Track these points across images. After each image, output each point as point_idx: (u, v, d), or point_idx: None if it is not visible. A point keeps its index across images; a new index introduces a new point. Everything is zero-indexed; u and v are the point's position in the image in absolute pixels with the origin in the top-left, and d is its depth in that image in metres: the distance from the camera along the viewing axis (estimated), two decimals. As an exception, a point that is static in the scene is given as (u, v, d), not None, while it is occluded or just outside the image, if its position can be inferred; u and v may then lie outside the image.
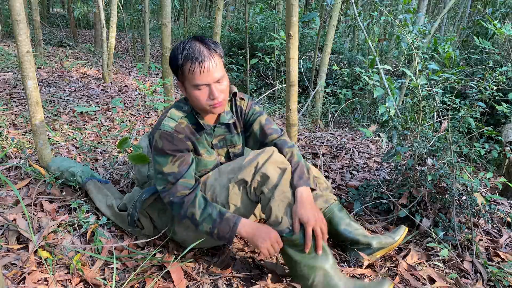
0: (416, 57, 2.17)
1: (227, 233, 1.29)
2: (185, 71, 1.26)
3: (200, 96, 1.29)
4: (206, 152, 1.45)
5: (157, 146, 1.33)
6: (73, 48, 6.81)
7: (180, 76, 1.31)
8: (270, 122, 1.55)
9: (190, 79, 1.27)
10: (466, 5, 6.71)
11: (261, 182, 1.33)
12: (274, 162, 1.35)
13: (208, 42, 1.29)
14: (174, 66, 1.30)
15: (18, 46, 1.73)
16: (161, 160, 1.33)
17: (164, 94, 3.51)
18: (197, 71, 1.24)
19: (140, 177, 1.72)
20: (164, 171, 1.32)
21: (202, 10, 11.38)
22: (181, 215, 1.33)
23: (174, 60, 1.29)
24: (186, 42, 1.28)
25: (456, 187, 1.72)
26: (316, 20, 4.14)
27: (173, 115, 1.37)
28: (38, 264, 1.35)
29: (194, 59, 1.24)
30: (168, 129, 1.33)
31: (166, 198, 1.34)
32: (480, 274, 1.55)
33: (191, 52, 1.25)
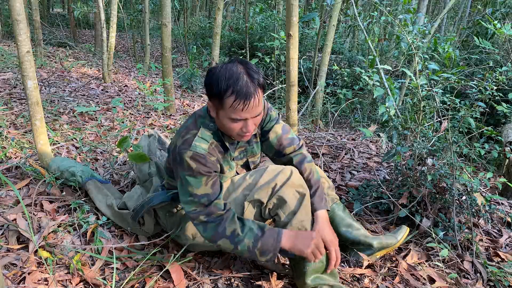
0: (416, 57, 2.17)
1: (271, 245, 1.23)
2: (226, 103, 1.16)
3: (233, 127, 1.22)
4: (229, 168, 1.41)
5: (190, 167, 1.23)
6: (73, 48, 6.81)
7: (216, 102, 1.20)
8: (287, 130, 1.50)
9: (229, 112, 1.17)
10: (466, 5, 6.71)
11: (277, 205, 1.33)
12: (292, 185, 1.32)
13: (253, 72, 1.17)
14: (214, 92, 1.18)
15: (18, 46, 1.73)
16: (193, 182, 1.24)
17: (164, 94, 3.52)
18: (239, 108, 1.15)
19: (141, 176, 1.73)
20: (197, 193, 1.24)
21: (202, 10, 11.38)
22: (219, 235, 1.24)
23: (215, 86, 1.16)
24: (231, 68, 1.16)
25: (456, 187, 1.72)
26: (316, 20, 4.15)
27: (205, 136, 1.28)
28: (38, 264, 1.35)
29: (240, 95, 1.13)
30: (202, 151, 1.24)
31: (200, 218, 1.25)
32: (480, 274, 1.55)
33: (237, 86, 1.13)
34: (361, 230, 1.58)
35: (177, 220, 1.49)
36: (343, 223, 1.58)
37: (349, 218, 1.60)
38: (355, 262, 1.55)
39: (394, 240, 1.57)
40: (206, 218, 1.25)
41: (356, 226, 1.59)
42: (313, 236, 1.27)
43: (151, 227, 1.56)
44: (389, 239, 1.57)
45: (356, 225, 1.59)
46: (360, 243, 1.55)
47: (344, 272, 1.49)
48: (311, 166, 1.47)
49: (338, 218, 1.59)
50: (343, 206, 1.63)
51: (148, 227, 1.56)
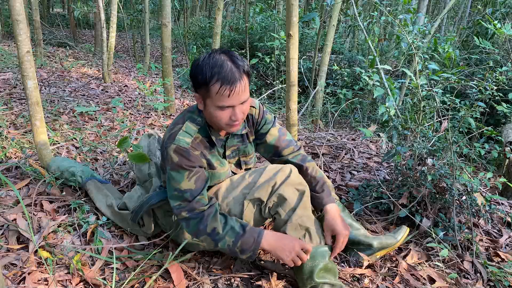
0: (416, 57, 2.17)
1: (250, 246, 1.26)
2: (212, 91, 1.17)
3: (222, 116, 1.22)
4: (220, 164, 1.41)
5: (172, 161, 1.25)
6: (73, 48, 6.81)
7: (202, 92, 1.22)
8: (284, 132, 1.52)
9: (216, 99, 1.19)
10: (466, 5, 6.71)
11: (277, 203, 1.34)
12: (292, 183, 1.33)
13: (237, 60, 1.19)
14: (199, 81, 1.20)
15: (18, 46, 1.73)
16: (176, 176, 1.26)
17: (164, 94, 3.52)
18: (226, 94, 1.16)
19: (141, 176, 1.72)
20: (181, 188, 1.26)
21: (202, 10, 11.37)
22: (200, 231, 1.26)
23: (200, 75, 1.18)
24: (214, 56, 1.18)
25: (456, 187, 1.72)
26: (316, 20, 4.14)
27: (189, 130, 1.29)
28: (38, 264, 1.35)
29: (225, 81, 1.15)
30: (184, 144, 1.26)
31: (182, 214, 1.28)
32: (480, 274, 1.55)
33: (222, 72, 1.15)
34: (361, 230, 1.59)
35: (175, 219, 1.49)
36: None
37: (349, 218, 1.61)
38: (355, 262, 1.55)
39: (394, 240, 1.57)
40: (188, 214, 1.27)
41: (356, 226, 1.59)
42: (296, 245, 1.28)
43: (151, 227, 1.56)
44: (389, 239, 1.57)
45: (356, 225, 1.60)
46: (360, 243, 1.55)
47: (344, 272, 1.49)
48: (313, 164, 1.50)
49: None
50: (343, 206, 1.64)
51: (147, 227, 1.56)
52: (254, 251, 1.27)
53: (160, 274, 1.38)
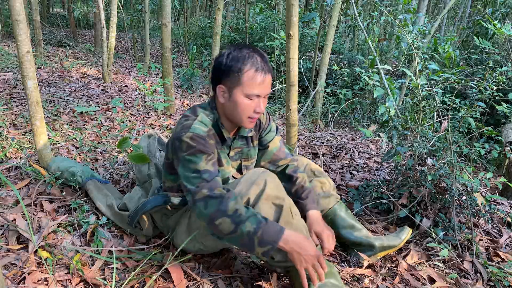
0: (416, 57, 2.17)
1: (271, 237, 1.15)
2: (245, 77, 1.23)
3: (247, 106, 1.26)
4: (226, 162, 1.42)
5: (190, 146, 1.23)
6: (73, 48, 6.81)
7: (231, 81, 1.25)
8: (283, 144, 1.58)
9: (247, 86, 1.24)
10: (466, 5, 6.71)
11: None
12: (268, 197, 1.25)
13: (266, 58, 1.28)
14: (232, 69, 1.24)
15: (18, 46, 1.73)
16: (195, 159, 1.23)
17: (164, 94, 3.51)
18: (258, 80, 1.23)
19: (141, 176, 1.72)
20: (199, 169, 1.22)
21: (202, 10, 11.37)
22: (219, 211, 1.16)
23: (235, 63, 1.23)
24: (246, 49, 1.26)
25: (456, 187, 1.72)
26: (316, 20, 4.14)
27: (205, 121, 1.31)
28: (38, 264, 1.35)
29: (260, 69, 1.23)
30: (201, 132, 1.26)
31: (202, 192, 1.19)
32: (480, 274, 1.55)
33: (255, 62, 1.24)
34: (363, 231, 1.58)
35: (172, 223, 1.49)
36: (344, 224, 1.58)
37: (351, 219, 1.60)
38: (355, 262, 1.55)
39: (396, 242, 1.57)
40: (209, 192, 1.19)
41: (357, 227, 1.58)
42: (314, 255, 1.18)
43: (150, 230, 1.56)
44: (391, 241, 1.56)
45: (358, 226, 1.59)
46: (362, 244, 1.55)
47: (344, 272, 1.49)
48: (304, 175, 1.52)
49: (339, 219, 1.59)
50: (345, 206, 1.63)
51: (146, 231, 1.56)
52: (273, 245, 1.16)
53: (160, 274, 1.38)
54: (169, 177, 1.43)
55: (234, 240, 1.18)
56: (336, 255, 1.61)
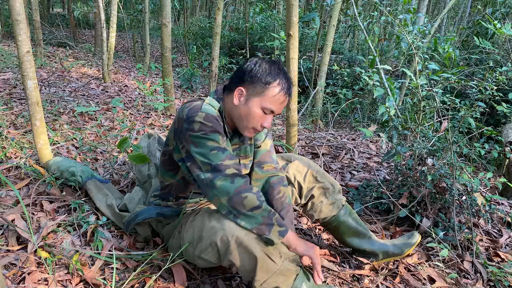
0: (416, 57, 2.17)
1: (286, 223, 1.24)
2: (270, 92, 1.24)
3: (257, 118, 1.26)
4: None
5: (204, 125, 1.20)
6: (73, 48, 6.81)
7: (254, 89, 1.24)
8: (273, 150, 1.54)
9: (268, 99, 1.24)
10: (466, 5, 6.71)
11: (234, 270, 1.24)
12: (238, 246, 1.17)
13: (291, 83, 1.30)
14: (260, 79, 1.24)
15: (18, 46, 1.73)
16: (213, 137, 1.20)
17: (164, 94, 3.52)
18: (280, 100, 1.25)
19: (141, 177, 1.72)
20: (220, 146, 1.21)
21: (202, 10, 11.37)
22: (247, 188, 1.18)
23: (264, 74, 1.24)
24: (278, 66, 1.28)
25: (456, 187, 1.72)
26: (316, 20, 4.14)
27: (213, 103, 1.29)
28: (38, 264, 1.35)
29: (286, 90, 1.26)
30: (212, 112, 1.24)
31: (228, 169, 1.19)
32: (480, 274, 1.55)
33: (285, 81, 1.26)
34: (367, 236, 1.56)
35: (166, 233, 1.47)
36: (348, 231, 1.56)
37: (355, 224, 1.57)
38: (355, 264, 1.55)
39: (402, 250, 1.54)
40: (237, 170, 1.20)
41: (361, 232, 1.56)
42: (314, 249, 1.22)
43: (148, 233, 1.56)
44: (397, 249, 1.54)
45: (362, 231, 1.56)
46: (366, 251, 1.55)
47: (345, 272, 1.49)
48: (286, 190, 1.44)
49: (343, 226, 1.56)
50: (350, 208, 1.59)
51: (144, 234, 1.56)
52: (287, 229, 1.20)
53: (160, 274, 1.38)
54: (167, 174, 1.40)
55: (255, 216, 1.17)
56: (336, 255, 1.61)
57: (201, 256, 1.23)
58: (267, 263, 1.17)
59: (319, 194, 1.54)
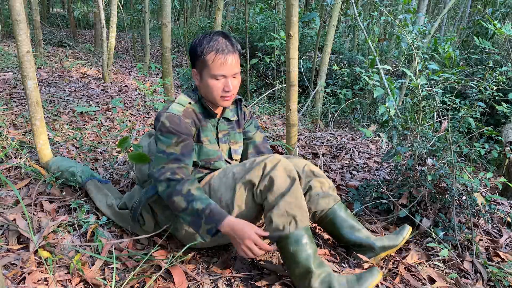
0: (416, 57, 2.17)
1: (216, 217, 1.28)
2: (208, 60, 1.34)
3: (215, 86, 1.36)
4: (209, 141, 1.48)
5: (163, 126, 1.37)
6: (73, 48, 6.81)
7: (199, 64, 1.37)
8: (267, 140, 1.69)
9: (211, 68, 1.34)
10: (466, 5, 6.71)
11: (267, 187, 1.33)
12: (283, 169, 1.36)
13: (232, 38, 1.38)
14: (197, 53, 1.36)
15: (18, 46, 1.73)
16: (165, 140, 1.36)
17: (164, 94, 3.52)
18: (219, 62, 1.33)
19: (141, 176, 1.72)
20: (167, 150, 1.36)
21: (202, 10, 11.37)
22: (176, 191, 1.32)
23: (199, 47, 1.35)
24: (211, 34, 1.37)
25: (456, 187, 1.72)
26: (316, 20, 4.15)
27: (181, 101, 1.43)
28: (38, 264, 1.35)
29: (220, 50, 1.33)
30: (176, 112, 1.38)
31: (164, 176, 1.34)
32: (480, 274, 1.55)
33: (216, 44, 1.34)
34: (363, 231, 1.58)
35: (172, 214, 1.50)
36: (345, 224, 1.57)
37: (351, 219, 1.60)
38: (355, 263, 1.55)
39: (396, 241, 1.56)
40: (170, 175, 1.34)
41: (357, 227, 1.58)
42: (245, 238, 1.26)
43: (151, 226, 1.56)
44: (392, 241, 1.56)
45: (358, 226, 1.59)
46: (362, 245, 1.55)
47: (345, 272, 1.49)
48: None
49: (339, 219, 1.58)
50: (345, 206, 1.63)
51: (148, 226, 1.56)
52: (217, 224, 1.28)
53: (160, 274, 1.38)
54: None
55: (186, 216, 1.32)
56: (336, 255, 1.61)
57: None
58: None
59: (316, 187, 1.58)
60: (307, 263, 1.29)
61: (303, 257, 1.29)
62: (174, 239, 1.59)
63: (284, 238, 1.31)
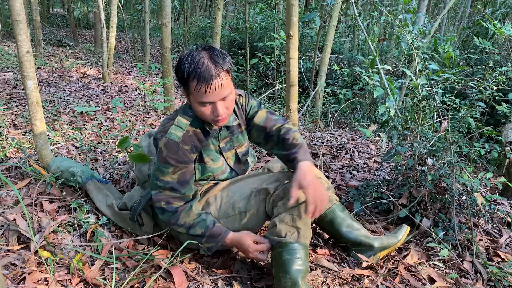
0: (416, 57, 2.17)
1: (216, 237, 1.35)
2: (191, 87, 1.24)
3: (204, 111, 1.28)
4: (212, 159, 1.46)
5: (161, 154, 1.33)
6: (73, 48, 6.81)
7: (185, 88, 1.28)
8: (273, 113, 1.54)
9: (195, 96, 1.25)
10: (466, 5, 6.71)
11: (281, 196, 1.36)
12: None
13: (216, 57, 1.23)
14: (180, 78, 1.27)
15: (18, 46, 1.73)
16: (163, 168, 1.34)
17: (164, 94, 3.52)
18: (202, 91, 1.21)
19: (141, 176, 1.73)
20: (164, 179, 1.34)
21: (202, 10, 11.37)
22: (172, 222, 1.36)
23: (180, 73, 1.25)
24: (194, 54, 1.23)
25: (456, 187, 1.72)
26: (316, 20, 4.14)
27: (181, 123, 1.35)
28: (38, 264, 1.35)
29: (202, 78, 1.19)
30: (175, 138, 1.32)
31: (160, 204, 1.36)
32: (480, 274, 1.55)
33: (198, 70, 1.20)
34: (362, 230, 1.58)
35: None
36: (344, 223, 1.58)
37: (350, 219, 1.60)
38: (354, 263, 1.55)
39: (395, 240, 1.56)
40: (165, 205, 1.35)
41: (356, 227, 1.58)
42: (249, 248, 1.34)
43: (151, 227, 1.56)
44: (390, 239, 1.56)
45: (356, 225, 1.59)
46: (361, 244, 1.55)
47: (344, 272, 1.49)
48: (296, 134, 1.46)
49: (339, 218, 1.58)
50: (343, 206, 1.63)
51: (147, 227, 1.56)
52: (217, 244, 1.35)
53: (160, 274, 1.38)
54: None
55: (186, 238, 1.38)
56: (336, 255, 1.61)
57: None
58: None
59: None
60: (296, 277, 1.28)
61: (294, 269, 1.29)
62: (174, 239, 1.59)
63: (282, 245, 1.32)
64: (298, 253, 1.31)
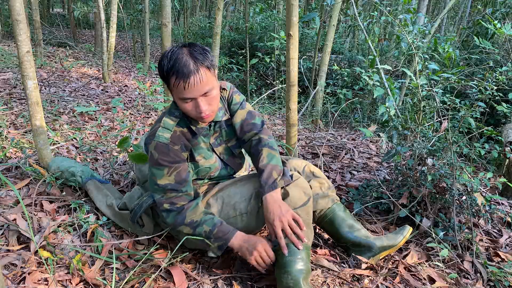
0: (416, 57, 2.17)
1: (225, 234, 1.33)
2: (171, 83, 1.23)
3: (187, 108, 1.27)
4: (203, 157, 1.44)
5: (153, 157, 1.32)
6: (73, 48, 6.81)
7: (167, 85, 1.27)
8: (251, 115, 1.50)
9: (176, 92, 1.24)
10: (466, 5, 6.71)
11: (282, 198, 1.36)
12: (300, 186, 1.39)
13: (195, 53, 1.22)
14: (161, 74, 1.26)
15: (18, 46, 1.73)
16: (157, 172, 1.32)
17: (164, 94, 3.51)
18: (181, 86, 1.20)
19: (141, 176, 1.73)
20: (161, 183, 1.33)
21: (202, 10, 11.37)
22: (177, 222, 1.34)
23: (161, 69, 1.24)
24: (174, 51, 1.22)
25: (456, 187, 1.72)
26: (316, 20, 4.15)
27: (167, 125, 1.34)
28: (38, 264, 1.35)
29: (180, 74, 1.18)
30: (164, 140, 1.32)
31: (164, 206, 1.35)
32: (480, 274, 1.55)
33: (176, 66, 1.19)
34: (362, 230, 1.58)
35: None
36: (344, 224, 1.57)
37: (350, 219, 1.60)
38: (354, 263, 1.55)
39: (395, 241, 1.55)
40: (169, 206, 1.34)
41: (357, 227, 1.58)
42: (258, 245, 1.31)
43: (151, 227, 1.56)
44: (391, 240, 1.55)
45: (357, 225, 1.59)
46: (361, 244, 1.54)
47: (344, 272, 1.49)
48: (263, 149, 1.43)
49: (339, 219, 1.58)
50: (344, 206, 1.63)
51: (147, 228, 1.56)
52: (226, 241, 1.33)
53: (160, 274, 1.38)
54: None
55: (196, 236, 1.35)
56: (336, 255, 1.61)
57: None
58: None
59: (316, 187, 1.58)
60: (298, 277, 1.28)
61: (295, 269, 1.29)
62: (174, 239, 1.59)
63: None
64: (300, 253, 1.31)
